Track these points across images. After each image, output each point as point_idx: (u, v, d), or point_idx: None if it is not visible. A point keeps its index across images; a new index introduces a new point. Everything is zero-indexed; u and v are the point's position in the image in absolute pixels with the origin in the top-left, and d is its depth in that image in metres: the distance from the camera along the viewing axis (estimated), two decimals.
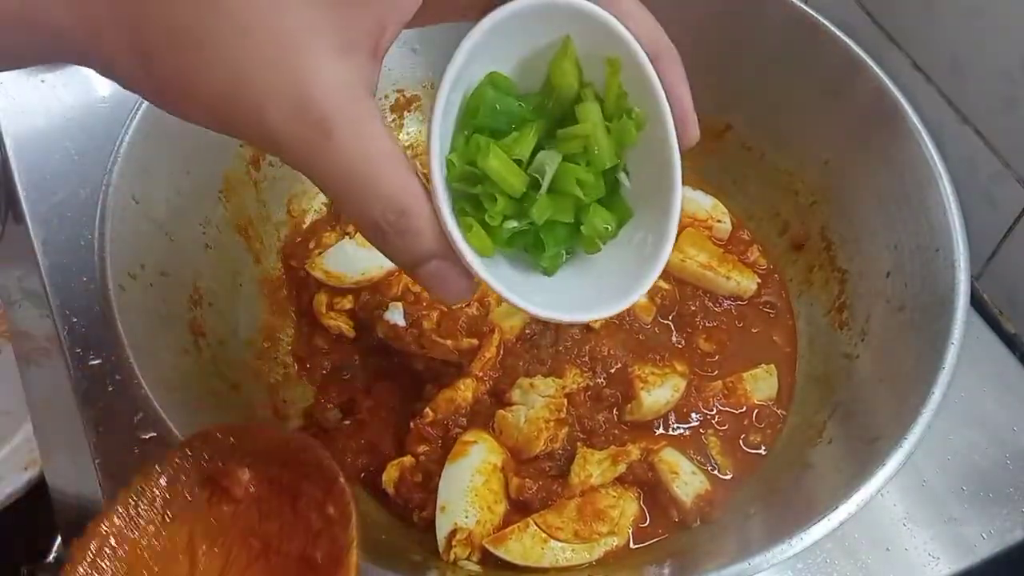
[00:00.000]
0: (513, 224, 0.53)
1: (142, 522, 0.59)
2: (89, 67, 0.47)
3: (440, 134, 0.51)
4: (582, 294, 0.57)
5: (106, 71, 0.47)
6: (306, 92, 0.44)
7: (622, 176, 0.58)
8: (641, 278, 0.56)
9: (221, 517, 0.60)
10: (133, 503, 0.60)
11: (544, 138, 0.55)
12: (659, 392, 0.90)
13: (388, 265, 0.98)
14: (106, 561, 0.58)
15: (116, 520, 0.59)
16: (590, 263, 0.59)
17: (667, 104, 0.55)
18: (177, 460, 0.61)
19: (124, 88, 0.48)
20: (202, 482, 0.61)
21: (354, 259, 0.99)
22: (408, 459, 0.86)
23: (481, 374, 0.90)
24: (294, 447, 0.62)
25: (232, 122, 0.45)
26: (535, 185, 0.53)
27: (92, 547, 0.58)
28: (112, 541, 0.58)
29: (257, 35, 0.44)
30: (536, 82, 0.56)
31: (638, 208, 0.59)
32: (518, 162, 0.53)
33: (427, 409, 0.88)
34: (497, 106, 0.54)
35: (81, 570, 0.57)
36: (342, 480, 0.59)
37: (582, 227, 0.56)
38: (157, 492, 0.60)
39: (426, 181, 0.50)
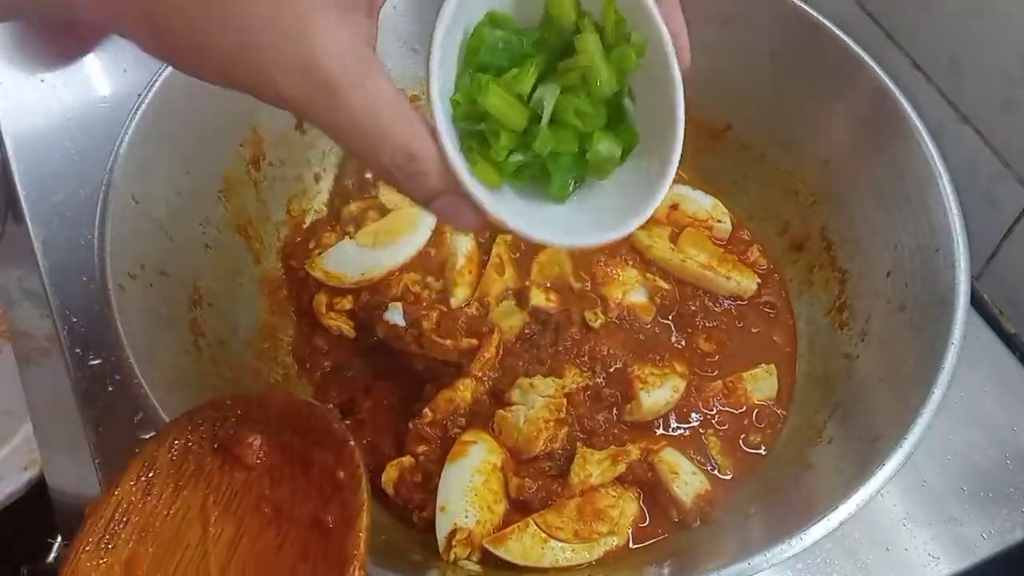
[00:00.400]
0: (518, 157, 0.54)
1: (155, 490, 0.59)
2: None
3: (441, 76, 0.52)
4: (590, 220, 0.58)
5: (119, 34, 0.49)
6: (311, 57, 0.46)
7: (627, 102, 0.59)
8: (646, 202, 0.57)
9: (233, 484, 0.60)
10: (145, 471, 0.59)
11: (546, 72, 0.56)
12: (659, 393, 0.90)
13: (388, 265, 0.98)
14: (119, 528, 0.57)
15: (128, 488, 0.59)
16: (599, 190, 0.60)
17: (665, 28, 0.56)
18: (189, 428, 0.61)
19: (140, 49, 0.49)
20: (214, 450, 0.60)
21: (354, 259, 0.99)
22: (407, 459, 0.86)
23: (480, 374, 0.90)
24: (304, 413, 0.61)
25: (242, 82, 0.48)
26: (538, 119, 0.54)
27: (105, 514, 0.58)
28: (125, 508, 0.58)
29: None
30: (535, 17, 0.57)
31: (643, 134, 0.59)
32: (519, 97, 0.54)
33: (426, 409, 0.88)
34: (499, 44, 0.55)
35: (94, 537, 0.57)
36: (351, 444, 0.59)
37: (587, 155, 0.57)
38: (169, 460, 0.60)
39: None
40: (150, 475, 0.59)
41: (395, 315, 0.94)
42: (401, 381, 0.94)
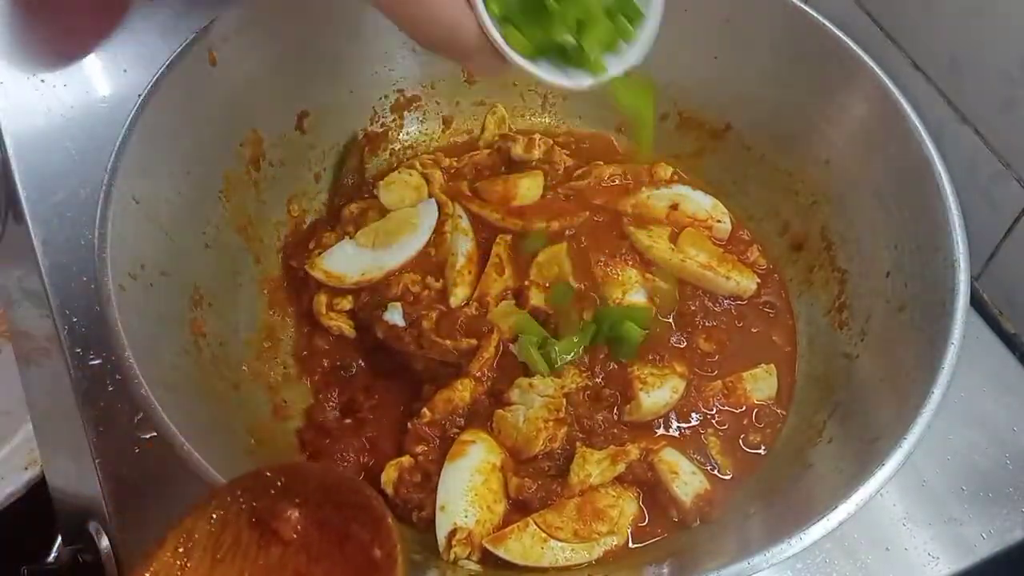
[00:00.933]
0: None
1: (192, 563, 0.58)
2: None
3: None
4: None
5: None
6: None
7: None
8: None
9: (270, 559, 0.59)
10: (183, 542, 0.58)
11: None
12: (658, 393, 0.90)
13: (388, 266, 0.98)
14: None
15: (166, 560, 0.58)
16: None
17: None
18: (228, 499, 0.61)
19: None
20: (251, 523, 0.60)
21: (354, 260, 0.99)
22: (407, 459, 0.86)
23: (479, 374, 0.90)
24: (344, 488, 0.61)
25: None
26: None
27: None
28: None
29: None
30: None
31: None
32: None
33: (424, 409, 0.88)
34: None
35: None
36: (389, 521, 0.58)
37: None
38: (207, 532, 0.59)
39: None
40: (188, 547, 0.58)
41: (395, 315, 0.94)
42: (401, 381, 0.94)
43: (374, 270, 0.98)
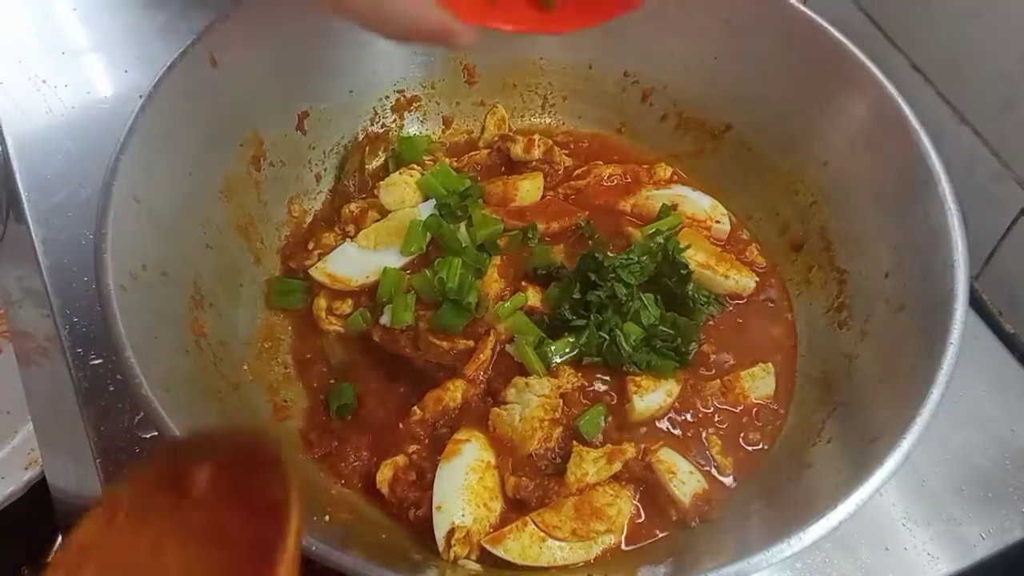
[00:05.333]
0: None
1: (114, 527, 0.61)
2: None
3: None
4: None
5: None
6: None
7: None
8: None
9: (183, 517, 0.62)
10: (106, 512, 0.62)
11: None
12: (652, 397, 0.90)
13: (389, 268, 0.98)
14: (85, 567, 0.59)
15: (89, 529, 0.61)
16: None
17: None
18: (143, 469, 0.64)
19: None
20: (166, 486, 0.63)
21: (357, 262, 0.99)
22: (401, 458, 0.86)
23: (473, 376, 0.90)
24: (250, 443, 0.65)
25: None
26: None
27: (69, 561, 0.59)
28: (86, 548, 0.60)
29: None
30: None
31: None
32: None
33: (415, 408, 0.88)
34: None
35: None
36: (283, 461, 0.61)
37: None
38: (129, 499, 0.62)
39: None
40: (111, 514, 0.62)
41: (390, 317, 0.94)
42: (401, 381, 0.94)
43: (377, 272, 0.98)
